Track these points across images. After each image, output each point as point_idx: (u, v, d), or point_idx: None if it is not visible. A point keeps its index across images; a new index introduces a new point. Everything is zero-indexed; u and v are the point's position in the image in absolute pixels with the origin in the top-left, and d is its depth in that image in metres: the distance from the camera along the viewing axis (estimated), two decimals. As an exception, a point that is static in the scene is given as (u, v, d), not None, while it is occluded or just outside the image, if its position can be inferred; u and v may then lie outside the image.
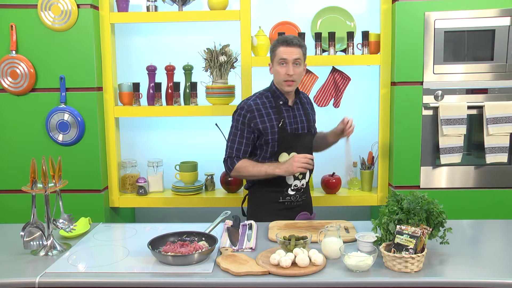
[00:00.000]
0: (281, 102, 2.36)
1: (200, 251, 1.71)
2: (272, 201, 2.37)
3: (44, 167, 1.81)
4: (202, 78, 2.98)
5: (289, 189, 2.35)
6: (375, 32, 2.90)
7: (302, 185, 2.38)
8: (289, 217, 2.29)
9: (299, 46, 2.29)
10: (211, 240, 1.83)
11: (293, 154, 2.30)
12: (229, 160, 2.35)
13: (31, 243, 1.84)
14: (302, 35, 2.88)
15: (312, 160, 2.29)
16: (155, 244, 1.80)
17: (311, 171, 2.43)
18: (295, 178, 2.34)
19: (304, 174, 2.37)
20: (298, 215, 2.39)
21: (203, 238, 1.86)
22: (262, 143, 2.33)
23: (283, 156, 2.33)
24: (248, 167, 2.30)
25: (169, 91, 2.98)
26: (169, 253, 1.72)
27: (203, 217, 2.72)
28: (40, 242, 1.85)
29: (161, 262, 1.70)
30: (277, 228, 2.04)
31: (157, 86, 2.97)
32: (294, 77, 2.28)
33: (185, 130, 3.23)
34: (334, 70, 3.00)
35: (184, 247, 1.76)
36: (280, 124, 2.32)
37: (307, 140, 2.43)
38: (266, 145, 2.33)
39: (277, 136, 2.32)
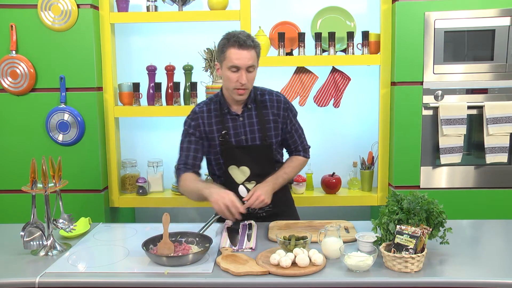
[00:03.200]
0: (225, 111, 2.13)
1: (192, 252, 1.72)
2: None
3: (44, 167, 1.81)
4: (202, 78, 2.98)
5: (244, 202, 2.04)
6: (375, 32, 2.90)
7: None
8: None
9: (253, 47, 1.99)
10: (205, 240, 1.84)
11: (244, 167, 2.11)
12: (176, 171, 2.14)
13: (31, 243, 1.84)
14: (302, 35, 2.89)
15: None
16: (149, 245, 1.80)
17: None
18: (249, 191, 2.08)
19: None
20: None
21: (197, 238, 1.87)
22: (208, 156, 2.17)
23: (232, 170, 2.14)
24: (187, 180, 2.04)
25: (169, 91, 2.98)
26: (157, 253, 1.74)
27: (203, 217, 2.73)
28: (40, 242, 1.85)
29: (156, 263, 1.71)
30: (277, 228, 2.04)
31: (157, 86, 2.97)
32: (247, 85, 2.02)
33: (185, 130, 3.23)
34: (334, 70, 3.00)
35: (176, 247, 1.78)
36: (220, 137, 2.11)
37: (261, 152, 2.15)
38: (210, 158, 2.17)
39: (220, 149, 2.12)
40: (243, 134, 2.13)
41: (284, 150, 2.34)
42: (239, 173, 2.15)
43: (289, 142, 2.26)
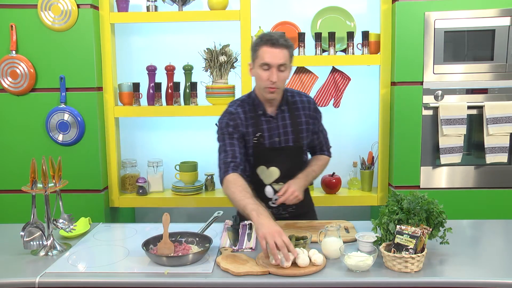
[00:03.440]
0: (260, 112, 2.12)
1: (192, 252, 1.72)
2: None
3: (44, 167, 1.81)
4: (202, 78, 2.98)
5: (270, 202, 2.11)
6: (375, 32, 2.90)
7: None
8: None
9: (286, 47, 1.99)
10: (205, 240, 1.84)
11: (273, 168, 2.08)
12: (224, 167, 2.04)
13: (31, 243, 1.84)
14: (302, 35, 2.89)
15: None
16: (149, 245, 1.80)
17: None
18: (276, 192, 2.09)
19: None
20: None
21: (197, 238, 1.87)
22: None
23: (262, 170, 2.13)
24: (235, 187, 1.92)
25: (169, 91, 2.98)
26: (157, 253, 1.74)
27: (203, 217, 2.72)
28: (40, 242, 1.85)
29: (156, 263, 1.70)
30: (277, 228, 2.03)
31: (157, 86, 2.97)
32: (277, 84, 2.01)
33: (185, 130, 3.23)
34: (334, 70, 3.00)
35: (176, 247, 1.78)
36: (254, 138, 2.10)
37: (293, 153, 2.15)
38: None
39: (253, 150, 2.11)
40: (277, 136, 2.13)
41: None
42: (268, 174, 2.14)
43: (315, 143, 2.28)
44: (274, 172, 2.13)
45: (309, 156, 2.35)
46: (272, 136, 2.12)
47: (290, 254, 1.61)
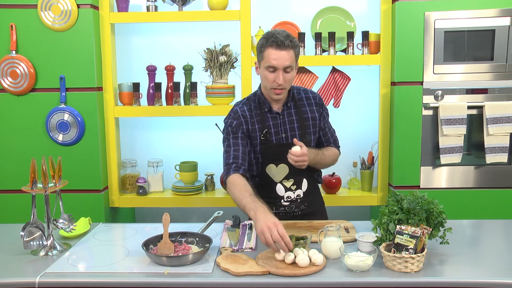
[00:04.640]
0: (265, 109, 2.14)
1: (192, 252, 1.72)
2: None
3: (44, 167, 1.81)
4: (202, 78, 2.98)
5: (282, 200, 2.16)
6: (375, 32, 2.90)
7: (298, 195, 2.17)
8: None
9: (292, 47, 1.98)
10: (205, 240, 1.84)
11: (282, 165, 2.06)
12: (226, 168, 2.07)
13: (31, 243, 1.84)
14: (302, 35, 2.89)
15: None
16: (149, 245, 1.80)
17: (307, 176, 2.18)
18: (287, 189, 2.14)
19: (298, 184, 2.15)
20: None
21: (197, 238, 1.87)
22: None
23: (271, 168, 2.13)
24: (235, 188, 1.96)
25: (169, 91, 2.98)
26: (157, 253, 1.74)
27: (203, 217, 2.72)
28: (40, 242, 1.85)
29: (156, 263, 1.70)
30: (277, 228, 2.03)
31: (157, 86, 2.97)
32: (284, 85, 2.02)
33: (185, 130, 3.23)
34: (334, 70, 3.00)
35: (176, 247, 1.78)
36: (262, 135, 2.11)
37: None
38: (250, 157, 2.14)
39: (260, 147, 2.12)
40: (283, 132, 2.15)
41: None
42: (278, 171, 2.14)
43: (322, 139, 2.28)
44: (283, 169, 2.13)
45: None
46: (278, 133, 2.14)
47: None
